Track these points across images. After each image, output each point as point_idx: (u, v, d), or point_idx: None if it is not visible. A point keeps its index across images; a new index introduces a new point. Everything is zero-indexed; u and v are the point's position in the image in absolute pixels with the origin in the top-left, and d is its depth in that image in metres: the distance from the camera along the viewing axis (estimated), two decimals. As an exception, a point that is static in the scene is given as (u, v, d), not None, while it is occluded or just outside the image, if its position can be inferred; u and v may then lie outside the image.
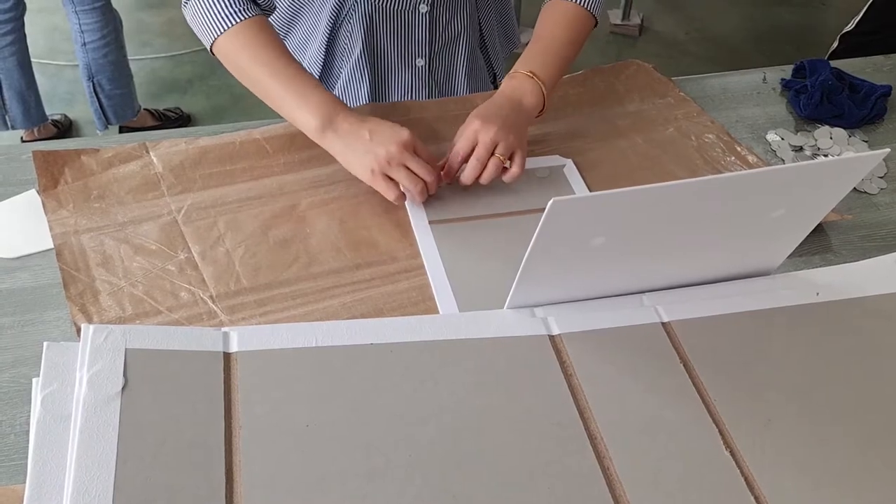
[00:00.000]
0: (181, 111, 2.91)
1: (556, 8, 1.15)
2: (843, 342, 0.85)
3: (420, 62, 1.25)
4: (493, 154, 0.99)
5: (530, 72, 1.08)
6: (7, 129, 2.56)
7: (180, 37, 3.32)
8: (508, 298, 0.84)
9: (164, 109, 2.88)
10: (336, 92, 1.25)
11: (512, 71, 1.10)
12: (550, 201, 0.70)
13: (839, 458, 0.75)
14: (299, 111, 0.99)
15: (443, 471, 0.70)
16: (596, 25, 1.17)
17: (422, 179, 0.97)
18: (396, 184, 0.97)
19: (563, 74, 1.13)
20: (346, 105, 1.01)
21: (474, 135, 1.00)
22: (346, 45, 1.22)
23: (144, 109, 2.78)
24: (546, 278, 0.82)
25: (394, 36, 1.21)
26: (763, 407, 0.78)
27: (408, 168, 0.96)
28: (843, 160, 0.80)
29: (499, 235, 0.98)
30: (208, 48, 1.05)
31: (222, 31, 1.02)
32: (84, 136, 2.77)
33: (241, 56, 1.03)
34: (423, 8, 1.18)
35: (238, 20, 1.01)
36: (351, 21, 1.19)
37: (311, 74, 1.02)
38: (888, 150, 0.80)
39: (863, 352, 0.85)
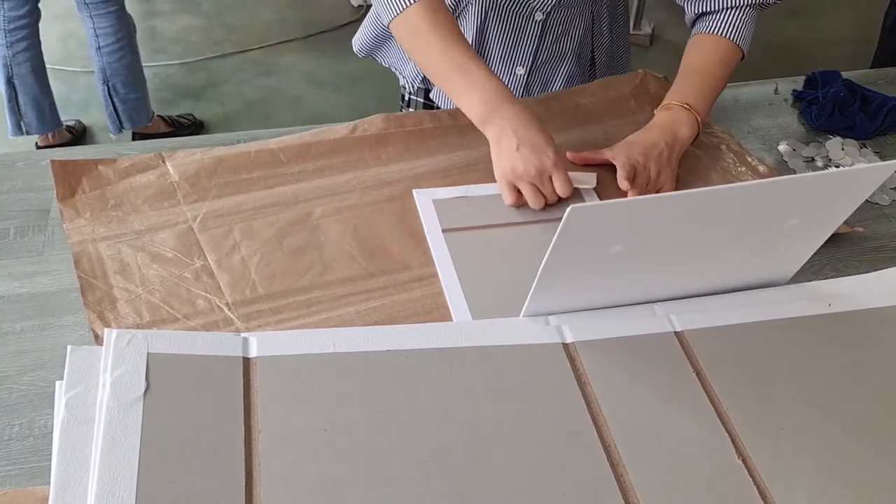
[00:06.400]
0: (194, 118, 2.93)
1: (707, 41, 1.17)
2: (856, 352, 0.86)
3: (520, 70, 1.27)
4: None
5: (686, 104, 1.10)
6: (22, 134, 2.58)
7: (194, 44, 3.35)
8: (525, 306, 0.85)
9: (178, 116, 2.90)
10: None
11: (666, 101, 1.12)
12: (568, 208, 0.71)
13: (852, 467, 0.75)
14: (466, 99, 1.03)
15: (458, 476, 0.71)
16: (743, 58, 1.18)
17: (544, 197, 1.01)
18: (519, 193, 1.01)
19: (712, 106, 1.16)
20: (512, 97, 1.03)
21: (632, 169, 1.05)
22: None
23: (157, 116, 2.80)
24: (563, 286, 0.83)
25: (502, 38, 1.23)
26: (775, 416, 0.78)
27: (536, 187, 1.00)
28: (858, 170, 0.80)
29: (512, 244, 0.99)
30: (386, 24, 1.09)
31: (401, 9, 1.05)
32: (98, 142, 2.79)
33: (416, 37, 1.06)
34: (539, 16, 1.20)
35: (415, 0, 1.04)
36: (465, 16, 1.21)
37: (482, 61, 1.05)
38: None
39: (875, 362, 0.85)
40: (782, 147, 1.21)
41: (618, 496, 0.71)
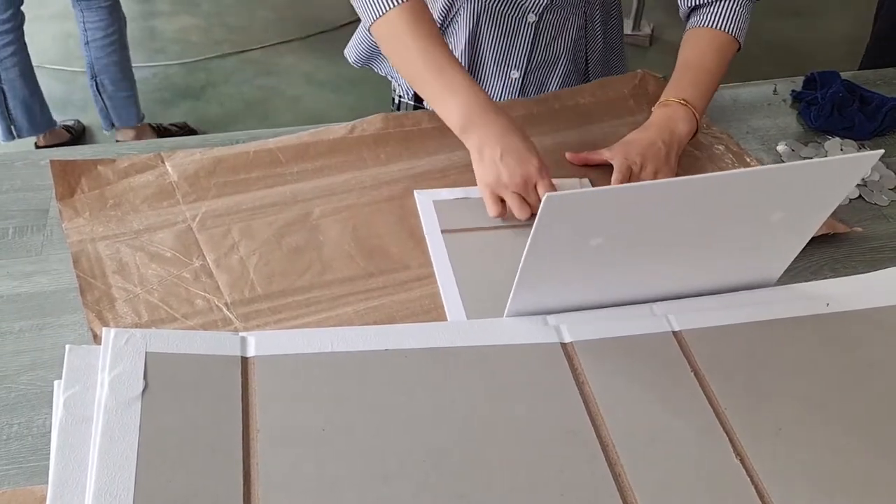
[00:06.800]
0: (186, 125, 2.90)
1: (702, 34, 1.16)
2: (853, 353, 0.86)
3: (515, 74, 1.26)
4: None
5: (683, 99, 1.09)
6: (13, 138, 2.56)
7: (194, 44, 3.35)
8: (508, 304, 0.85)
9: (169, 124, 2.88)
10: None
11: (663, 98, 1.11)
12: (545, 196, 0.71)
13: (850, 467, 0.75)
14: (444, 105, 1.01)
15: (456, 475, 0.71)
16: (739, 49, 1.17)
17: (530, 207, 0.97)
18: (504, 202, 0.99)
19: (710, 100, 1.14)
20: (492, 104, 1.01)
21: (628, 171, 1.04)
22: (450, 46, 1.21)
23: (147, 124, 2.77)
24: (546, 282, 0.83)
25: (495, 41, 1.22)
26: (773, 416, 0.78)
27: (521, 197, 0.97)
28: (840, 159, 0.80)
29: (511, 246, 0.99)
30: (367, 27, 1.06)
31: (382, 12, 1.02)
32: (97, 141, 2.79)
33: (396, 42, 1.04)
34: (532, 17, 1.19)
35: (397, 3, 1.02)
36: (458, 20, 1.20)
37: (462, 67, 1.03)
38: (882, 150, 0.80)
39: (873, 363, 0.85)
40: (781, 147, 1.21)
41: (616, 496, 0.71)
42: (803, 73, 1.35)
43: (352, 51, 1.39)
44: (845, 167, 0.80)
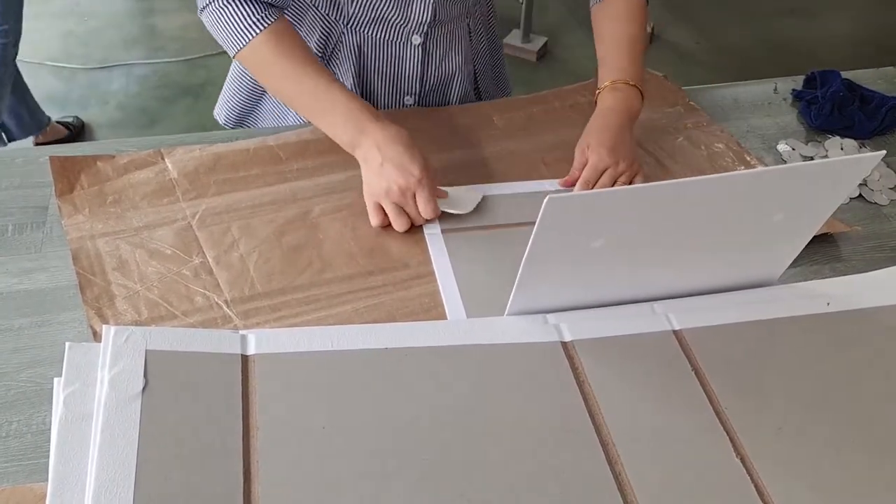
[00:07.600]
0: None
1: (614, 6, 1.15)
2: (853, 352, 0.86)
3: (409, 100, 1.22)
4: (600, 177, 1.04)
5: (631, 81, 1.09)
6: (3, 144, 2.54)
7: (195, 41, 3.34)
8: (509, 303, 0.85)
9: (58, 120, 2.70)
10: None
11: (610, 82, 1.10)
12: (546, 198, 0.71)
13: (849, 466, 0.75)
14: (330, 124, 1.01)
15: (456, 474, 0.71)
16: (647, 3, 1.17)
17: (408, 217, 0.97)
18: (385, 213, 0.98)
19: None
20: (377, 114, 1.00)
21: (585, 159, 1.05)
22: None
23: None
24: (547, 282, 0.83)
25: (384, 71, 1.18)
26: (773, 415, 0.78)
27: (399, 207, 0.97)
28: (841, 161, 0.80)
29: (510, 245, 0.98)
30: (232, 56, 1.04)
31: (246, 41, 1.01)
32: (97, 138, 2.78)
33: (266, 69, 1.03)
34: (417, 39, 1.15)
35: (261, 29, 1.00)
36: (338, 56, 1.16)
37: (340, 83, 1.02)
38: (884, 151, 0.81)
39: (872, 362, 0.85)
40: (781, 146, 1.21)
41: (616, 494, 0.71)
42: (804, 72, 1.35)
43: (221, 111, 1.32)
44: (847, 168, 0.80)
